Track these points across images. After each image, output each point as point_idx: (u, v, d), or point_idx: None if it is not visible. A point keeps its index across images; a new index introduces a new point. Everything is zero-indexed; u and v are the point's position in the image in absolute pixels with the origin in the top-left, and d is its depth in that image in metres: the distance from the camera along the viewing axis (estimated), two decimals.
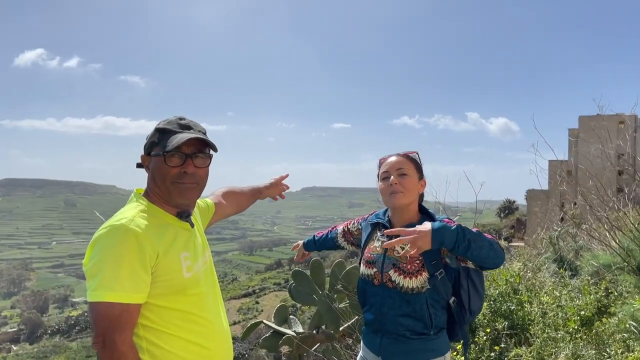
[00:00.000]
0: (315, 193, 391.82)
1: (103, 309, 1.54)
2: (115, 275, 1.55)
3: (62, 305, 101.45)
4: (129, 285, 1.56)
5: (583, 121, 40.57)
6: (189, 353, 1.68)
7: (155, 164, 1.75)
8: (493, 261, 2.03)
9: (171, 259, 1.68)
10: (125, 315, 1.56)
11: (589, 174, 5.43)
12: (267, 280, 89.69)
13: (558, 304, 4.13)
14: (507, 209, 59.20)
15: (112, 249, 1.57)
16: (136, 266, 1.58)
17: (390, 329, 2.16)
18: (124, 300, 1.55)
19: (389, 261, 2.20)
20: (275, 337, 5.22)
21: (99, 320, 1.55)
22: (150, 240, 1.63)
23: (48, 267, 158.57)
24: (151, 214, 1.72)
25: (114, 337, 1.53)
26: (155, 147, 1.75)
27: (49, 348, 64.91)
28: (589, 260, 5.49)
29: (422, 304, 2.12)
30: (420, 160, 2.34)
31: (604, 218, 5.42)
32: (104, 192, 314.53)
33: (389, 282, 2.17)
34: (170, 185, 1.73)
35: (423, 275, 2.12)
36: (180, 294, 1.69)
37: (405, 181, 2.22)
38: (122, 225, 1.61)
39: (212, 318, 1.79)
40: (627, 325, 3.73)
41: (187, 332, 1.69)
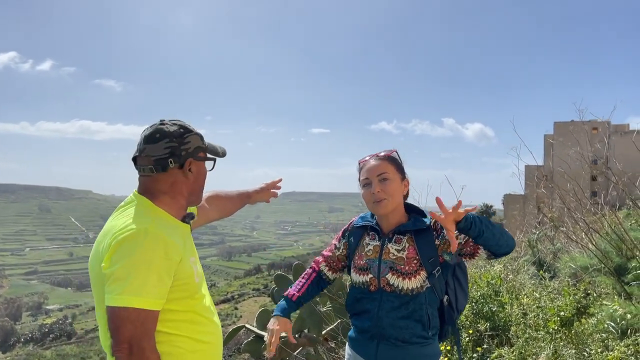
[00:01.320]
0: (295, 198, 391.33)
1: (130, 315, 1.52)
2: (144, 281, 1.54)
3: (35, 313, 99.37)
4: (155, 292, 1.56)
5: (558, 127, 41.47)
6: (198, 353, 1.71)
7: (202, 169, 1.85)
8: (506, 247, 2.03)
9: (186, 264, 1.69)
10: (151, 322, 1.56)
11: (567, 176, 5.55)
12: (246, 285, 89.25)
13: (538, 305, 4.20)
14: (485, 213, 60.00)
15: (142, 254, 1.56)
16: (163, 273, 1.58)
17: (389, 333, 2.10)
18: (151, 307, 1.55)
19: (386, 265, 2.13)
20: (258, 342, 5.19)
21: (125, 326, 1.52)
22: (175, 246, 1.64)
23: (21, 274, 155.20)
24: (163, 218, 1.72)
25: (142, 345, 1.52)
26: (201, 152, 1.83)
27: (22, 357, 63.40)
28: (567, 262, 5.60)
29: (421, 304, 2.08)
30: (400, 159, 2.27)
31: (581, 220, 5.53)
32: (80, 197, 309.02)
33: (387, 286, 2.10)
34: (202, 188, 1.88)
35: (421, 275, 2.08)
36: (190, 298, 1.71)
37: (387, 187, 2.15)
38: (149, 229, 1.60)
39: (212, 316, 1.83)
40: (606, 326, 3.81)
41: (196, 333, 1.72)
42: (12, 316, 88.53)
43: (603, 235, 5.33)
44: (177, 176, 1.76)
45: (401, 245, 2.13)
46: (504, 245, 2.03)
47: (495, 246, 2.01)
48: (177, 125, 1.79)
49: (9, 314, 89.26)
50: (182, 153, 1.75)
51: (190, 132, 1.79)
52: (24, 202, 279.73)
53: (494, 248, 2.01)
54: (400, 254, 2.11)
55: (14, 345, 73.58)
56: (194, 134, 1.80)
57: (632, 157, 6.48)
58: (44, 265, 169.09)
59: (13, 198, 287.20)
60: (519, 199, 35.30)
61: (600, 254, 5.09)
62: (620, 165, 5.58)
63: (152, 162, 1.73)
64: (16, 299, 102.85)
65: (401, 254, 2.11)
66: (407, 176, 2.25)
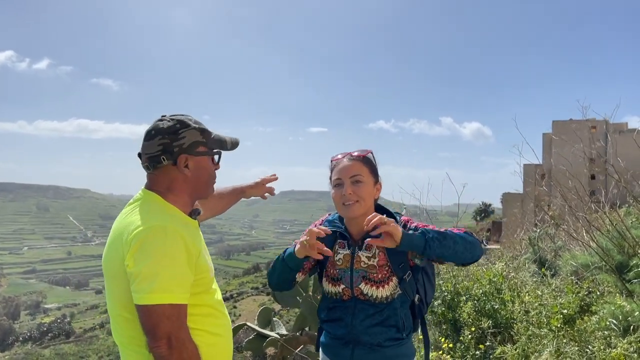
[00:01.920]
0: (294, 197, 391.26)
1: (165, 311, 1.55)
2: (172, 276, 1.57)
3: (34, 312, 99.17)
4: (183, 286, 1.60)
5: (557, 125, 41.49)
6: (210, 345, 1.72)
7: (201, 164, 1.79)
8: (471, 255, 1.94)
9: (202, 258, 1.72)
10: (182, 315, 1.60)
11: (569, 173, 5.54)
12: (244, 284, 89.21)
13: (540, 302, 4.19)
14: (483, 212, 60.13)
15: (166, 251, 1.58)
16: (186, 267, 1.62)
17: (364, 339, 2.06)
18: (182, 301, 1.60)
19: (358, 274, 2.07)
20: (259, 339, 5.18)
21: (162, 322, 1.55)
22: (193, 241, 1.67)
23: (19, 272, 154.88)
24: (175, 215, 1.73)
25: (181, 336, 1.57)
26: (200, 146, 1.78)
27: (20, 356, 63.32)
28: (568, 260, 5.59)
29: (395, 309, 2.04)
30: (375, 161, 2.17)
31: (582, 218, 5.52)
32: (78, 196, 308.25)
33: (361, 295, 2.06)
34: (210, 184, 1.86)
35: (393, 281, 2.04)
36: (205, 293, 1.74)
37: (360, 190, 2.06)
38: (167, 226, 1.62)
39: (224, 310, 1.85)
40: (608, 323, 3.81)
41: (209, 325, 1.74)
42: (10, 315, 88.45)
43: (604, 232, 5.33)
44: (174, 173, 1.75)
45: (371, 252, 2.07)
46: (468, 257, 1.96)
47: (458, 260, 1.96)
48: (175, 120, 1.76)
49: (7, 312, 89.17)
50: (175, 150, 1.72)
51: (186, 128, 1.75)
52: (22, 201, 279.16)
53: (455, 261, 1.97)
54: (372, 261, 2.05)
55: (13, 344, 73.50)
56: (190, 129, 1.75)
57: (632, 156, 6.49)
58: (42, 264, 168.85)
59: (11, 197, 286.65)
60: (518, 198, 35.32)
61: (602, 251, 5.09)
62: (623, 163, 5.58)
63: (147, 160, 1.75)
64: (14, 298, 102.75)
65: (372, 261, 2.05)
66: (380, 180, 2.17)
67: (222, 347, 1.79)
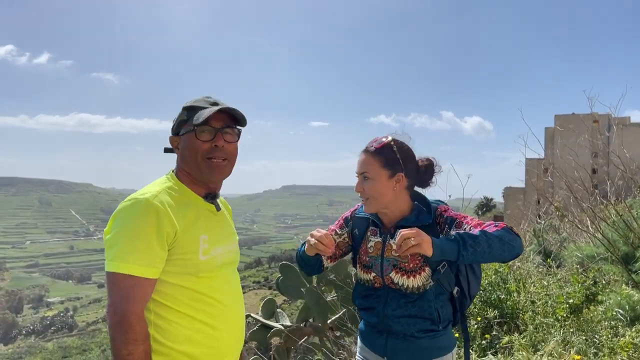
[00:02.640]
0: (295, 191, 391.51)
1: (117, 280, 1.56)
2: (132, 248, 1.57)
3: (37, 306, 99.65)
4: (144, 259, 1.57)
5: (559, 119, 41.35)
6: (195, 331, 1.67)
7: (186, 142, 1.75)
8: (509, 254, 1.85)
9: (189, 238, 1.67)
10: (138, 289, 1.57)
11: (575, 163, 5.51)
12: (246, 278, 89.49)
13: (547, 292, 4.18)
14: (485, 206, 60.08)
15: (132, 222, 1.59)
16: (153, 241, 1.58)
17: (397, 329, 2.02)
18: (137, 273, 1.56)
19: (388, 263, 2.04)
20: (264, 330, 5.19)
21: (112, 290, 1.57)
22: (170, 217, 1.62)
23: (22, 266, 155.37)
24: (178, 192, 1.73)
25: (123, 308, 1.54)
26: (184, 125, 1.75)
27: (23, 349, 63.71)
28: (573, 251, 5.58)
29: (429, 301, 1.99)
30: (395, 149, 2.02)
31: (587, 209, 5.50)
32: (80, 191, 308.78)
33: (392, 284, 2.03)
34: (201, 162, 1.73)
35: (426, 271, 1.98)
36: (193, 275, 1.68)
37: (368, 187, 2.01)
38: (145, 199, 1.62)
39: (225, 300, 1.76)
40: (615, 313, 3.79)
41: (195, 311, 1.68)
42: (13, 309, 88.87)
43: (610, 223, 5.31)
44: (178, 154, 1.80)
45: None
46: (507, 256, 1.86)
47: (492, 261, 1.97)
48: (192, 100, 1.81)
49: (10, 306, 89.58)
50: (172, 133, 1.80)
51: (181, 110, 1.79)
52: (25, 195, 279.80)
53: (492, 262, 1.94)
54: None
55: (16, 338, 73.92)
56: (182, 109, 1.78)
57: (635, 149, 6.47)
58: (45, 258, 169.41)
59: (14, 191, 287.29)
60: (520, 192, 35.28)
61: (607, 242, 5.07)
62: (629, 154, 5.55)
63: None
64: (17, 292, 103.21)
65: None
66: (402, 169, 2.01)
67: (212, 337, 1.71)
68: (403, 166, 2.02)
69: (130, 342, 1.53)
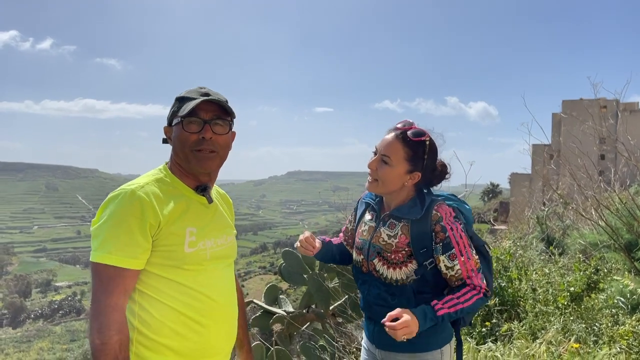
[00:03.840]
0: (300, 177, 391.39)
1: (98, 270, 1.58)
2: (114, 238, 1.57)
3: (45, 290, 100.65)
4: (125, 250, 1.57)
5: (567, 105, 40.98)
6: (179, 324, 1.65)
7: (175, 133, 1.73)
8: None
9: (175, 230, 1.65)
10: (118, 279, 1.56)
11: (579, 150, 5.47)
12: (252, 263, 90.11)
13: (548, 280, 4.18)
14: (491, 192, 59.92)
15: (116, 213, 1.59)
16: (135, 232, 1.58)
17: (379, 317, 1.96)
18: (118, 264, 1.56)
19: (374, 249, 2.01)
20: (266, 317, 5.22)
21: (94, 280, 1.59)
22: (154, 208, 1.61)
23: (30, 251, 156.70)
24: (167, 184, 1.72)
25: (100, 298, 1.55)
26: (175, 116, 1.73)
27: (32, 332, 64.60)
28: (577, 238, 5.56)
29: (408, 298, 1.94)
30: (426, 148, 1.96)
31: (591, 197, 5.47)
32: (87, 176, 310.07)
33: (374, 271, 2.01)
34: (189, 153, 1.70)
35: (409, 267, 1.94)
36: (178, 268, 1.66)
37: (383, 171, 1.96)
38: (131, 190, 1.62)
39: (213, 295, 1.73)
40: (616, 301, 3.79)
41: (181, 304, 1.65)
42: (22, 293, 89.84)
43: (613, 211, 5.28)
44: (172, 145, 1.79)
45: (394, 232, 1.98)
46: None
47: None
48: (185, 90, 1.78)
49: (18, 290, 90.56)
50: (168, 121, 1.79)
51: (176, 97, 1.76)
52: (32, 180, 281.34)
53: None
54: (391, 240, 1.97)
55: (24, 321, 74.86)
56: (175, 98, 1.76)
57: None
58: (52, 243, 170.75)
59: (21, 176, 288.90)
60: (526, 178, 35.13)
61: (611, 230, 5.05)
62: (633, 141, 5.49)
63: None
64: (26, 276, 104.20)
65: (391, 240, 1.97)
66: (421, 169, 1.97)
67: (197, 332, 1.67)
68: (424, 167, 1.99)
69: (104, 332, 1.52)
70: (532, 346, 3.29)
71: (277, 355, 4.66)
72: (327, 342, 4.73)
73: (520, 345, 3.32)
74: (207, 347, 1.71)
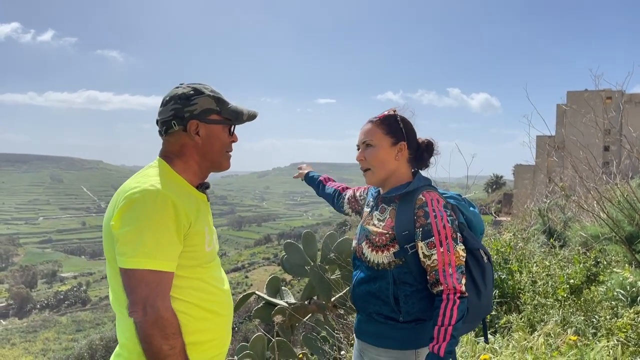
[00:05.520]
0: None
1: (145, 277, 1.52)
2: (156, 242, 1.53)
3: (50, 281, 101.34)
4: (168, 253, 1.56)
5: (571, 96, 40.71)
6: (202, 320, 1.68)
7: (214, 132, 1.75)
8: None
9: (199, 229, 1.67)
10: (165, 283, 1.55)
11: (580, 144, 5.45)
12: (256, 255, 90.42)
13: (548, 273, 4.19)
14: (495, 183, 59.78)
15: (152, 216, 1.55)
16: (173, 234, 1.57)
17: (359, 305, 2.00)
18: (165, 268, 1.55)
19: (363, 232, 2.02)
20: (268, 308, 5.26)
21: (139, 287, 1.52)
22: (185, 209, 1.61)
23: (35, 242, 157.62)
24: (176, 182, 1.70)
25: (156, 304, 1.51)
26: (213, 114, 1.74)
27: (38, 322, 65.19)
28: (578, 231, 5.56)
29: (388, 282, 1.90)
30: (399, 119, 2.02)
31: (593, 189, 5.47)
32: (91, 168, 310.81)
33: (361, 255, 1.99)
34: (223, 155, 1.80)
35: (390, 250, 1.90)
36: (199, 267, 1.69)
37: (370, 155, 1.99)
38: (159, 191, 1.58)
39: (224, 287, 1.80)
40: (615, 293, 3.80)
41: (201, 301, 1.68)
42: (27, 283, 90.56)
43: (615, 204, 5.28)
44: (184, 139, 1.72)
45: (383, 216, 1.99)
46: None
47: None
48: (191, 87, 1.75)
49: (24, 281, 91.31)
50: (186, 115, 1.71)
51: (200, 94, 1.72)
52: (37, 172, 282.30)
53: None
54: (379, 224, 1.97)
55: (31, 311, 75.53)
56: (204, 96, 1.73)
57: None
58: (57, 234, 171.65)
59: (25, 168, 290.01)
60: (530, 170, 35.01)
61: (612, 222, 5.04)
62: (635, 133, 5.48)
63: (160, 125, 1.75)
64: (31, 267, 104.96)
65: (379, 224, 1.97)
66: (404, 139, 2.00)
67: (215, 324, 1.72)
68: (405, 136, 2.02)
69: (170, 336, 1.51)
70: (530, 338, 3.31)
71: (278, 346, 4.70)
72: (329, 333, 4.77)
73: (519, 337, 3.34)
74: (224, 337, 1.77)
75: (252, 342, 4.77)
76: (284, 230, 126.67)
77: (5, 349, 53.00)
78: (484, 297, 1.98)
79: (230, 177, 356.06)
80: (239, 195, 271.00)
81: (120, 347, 1.68)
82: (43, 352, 51.25)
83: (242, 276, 72.01)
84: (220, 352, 1.77)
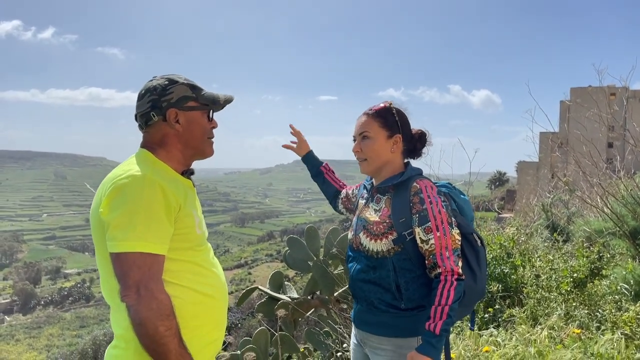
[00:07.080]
0: None
1: (137, 259, 1.52)
2: (147, 226, 1.53)
3: (54, 277, 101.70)
4: (159, 236, 1.56)
5: (575, 92, 40.56)
6: (197, 304, 1.68)
7: (193, 118, 1.77)
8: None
9: (187, 213, 1.68)
10: (157, 266, 1.55)
11: (583, 138, 5.43)
12: (259, 251, 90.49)
13: (551, 267, 4.18)
14: (498, 180, 59.72)
15: (142, 200, 1.55)
16: (163, 217, 1.58)
17: (359, 295, 2.02)
18: (156, 251, 1.55)
19: (360, 223, 2.05)
20: (271, 303, 5.26)
21: (132, 270, 1.51)
22: (173, 192, 1.62)
23: (39, 239, 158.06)
24: (162, 169, 1.71)
25: (150, 286, 1.51)
26: (190, 101, 1.76)
27: (42, 318, 65.42)
28: (581, 226, 5.55)
29: (388, 271, 1.93)
30: (394, 112, 2.07)
31: (597, 184, 5.45)
32: (95, 164, 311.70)
33: (359, 245, 2.02)
34: (206, 141, 1.81)
35: (389, 238, 1.94)
36: (191, 250, 1.70)
37: (366, 146, 2.04)
38: (147, 176, 1.59)
39: (215, 270, 1.81)
40: (619, 287, 3.79)
41: (197, 284, 1.69)
42: (32, 280, 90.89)
43: (619, 199, 5.26)
44: (165, 129, 1.75)
45: (379, 205, 2.03)
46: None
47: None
48: (165, 78, 1.77)
49: (28, 277, 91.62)
50: (164, 104, 1.73)
51: (175, 83, 1.75)
52: (40, 169, 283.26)
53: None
54: (375, 214, 2.01)
55: (35, 308, 75.84)
56: (179, 84, 1.75)
57: None
58: (61, 231, 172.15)
59: (29, 165, 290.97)
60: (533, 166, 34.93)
61: (616, 217, 5.04)
62: (638, 128, 5.45)
63: (139, 118, 1.77)
64: (35, 263, 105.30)
65: (376, 214, 2.01)
66: (399, 131, 2.06)
67: (209, 307, 1.72)
68: (401, 129, 2.07)
69: (165, 318, 1.51)
70: (533, 331, 3.30)
71: (281, 341, 4.71)
72: (332, 328, 4.77)
73: (522, 330, 3.34)
74: (220, 321, 1.79)
75: (255, 337, 4.78)
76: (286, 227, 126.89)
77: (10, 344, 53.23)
78: (479, 280, 2.04)
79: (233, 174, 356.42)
80: (242, 192, 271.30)
81: (116, 339, 1.68)
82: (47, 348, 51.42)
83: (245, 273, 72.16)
84: (217, 337, 1.77)
